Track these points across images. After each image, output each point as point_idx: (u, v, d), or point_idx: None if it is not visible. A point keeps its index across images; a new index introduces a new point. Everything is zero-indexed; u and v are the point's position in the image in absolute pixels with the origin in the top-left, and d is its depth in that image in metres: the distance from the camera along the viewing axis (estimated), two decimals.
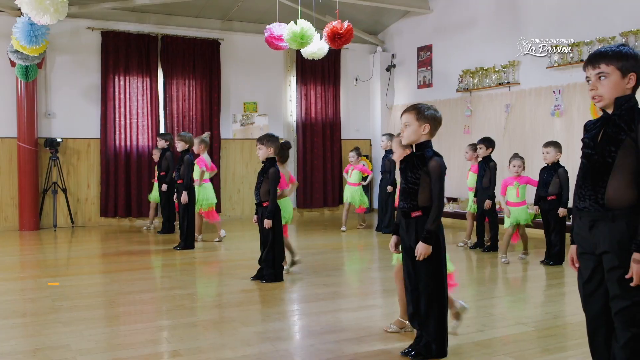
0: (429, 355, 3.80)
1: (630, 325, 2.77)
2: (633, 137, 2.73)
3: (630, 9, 8.32)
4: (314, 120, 12.71)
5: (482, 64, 10.70)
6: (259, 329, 4.53)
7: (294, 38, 8.10)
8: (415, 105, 3.84)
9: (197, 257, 7.67)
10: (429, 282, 3.77)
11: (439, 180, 3.73)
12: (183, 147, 8.05)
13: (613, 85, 2.78)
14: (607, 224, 2.76)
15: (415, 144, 3.81)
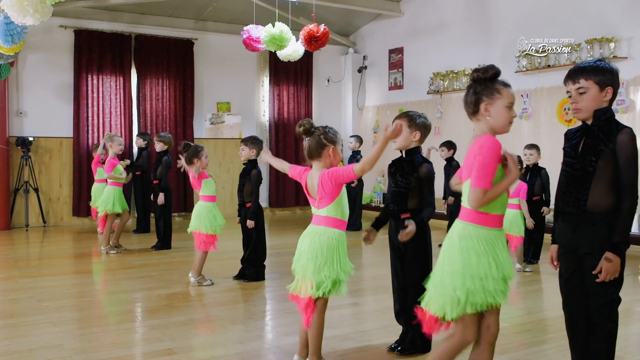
0: (415, 350, 4.00)
1: (607, 321, 3.01)
2: (612, 148, 2.95)
3: (596, 17, 8.67)
4: (286, 120, 12.84)
5: (452, 67, 10.98)
6: (249, 327, 4.67)
7: (272, 40, 8.21)
8: (407, 113, 4.01)
9: (176, 256, 7.74)
10: (417, 280, 3.94)
11: (430, 185, 3.93)
12: (162, 148, 8.11)
13: (592, 99, 3.01)
14: (589, 228, 2.98)
15: (405, 149, 3.99)
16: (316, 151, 3.56)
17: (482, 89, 2.91)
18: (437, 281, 2.87)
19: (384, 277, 6.39)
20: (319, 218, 3.60)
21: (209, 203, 6.12)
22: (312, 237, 3.59)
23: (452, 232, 2.90)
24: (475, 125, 2.99)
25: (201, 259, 6.08)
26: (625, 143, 2.94)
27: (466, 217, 2.86)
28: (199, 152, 6.10)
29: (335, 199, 3.55)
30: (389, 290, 5.75)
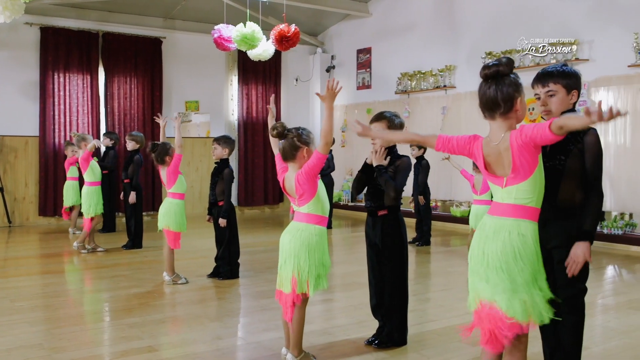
0: (392, 344, 4.13)
1: (575, 310, 3.19)
2: (580, 148, 3.13)
3: (559, 21, 8.95)
4: (255, 119, 12.89)
5: (419, 67, 11.18)
6: (226, 324, 4.73)
7: (244, 40, 8.26)
8: (383, 115, 4.09)
9: (148, 255, 7.74)
10: (393, 275, 4.08)
11: (405, 172, 4.03)
12: (134, 146, 8.08)
13: (560, 101, 3.18)
14: (559, 222, 3.14)
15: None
16: (290, 153, 3.67)
17: (510, 84, 2.72)
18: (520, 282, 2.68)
19: (354, 274, 6.55)
20: (301, 215, 3.71)
21: (179, 200, 6.15)
22: (293, 234, 3.70)
23: (504, 231, 2.72)
24: (501, 124, 2.74)
25: (170, 256, 6.12)
26: (592, 143, 3.13)
27: (521, 213, 2.72)
28: (168, 150, 6.14)
29: (314, 195, 3.65)
30: (360, 287, 5.92)
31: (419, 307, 5.26)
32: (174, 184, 6.12)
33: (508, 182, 2.73)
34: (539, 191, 2.74)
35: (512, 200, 2.73)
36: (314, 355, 3.87)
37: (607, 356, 3.98)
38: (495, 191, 2.83)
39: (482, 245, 2.77)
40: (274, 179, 13.11)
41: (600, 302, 5.42)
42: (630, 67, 8.08)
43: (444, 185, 10.70)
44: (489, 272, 2.72)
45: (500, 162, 2.75)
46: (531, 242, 2.71)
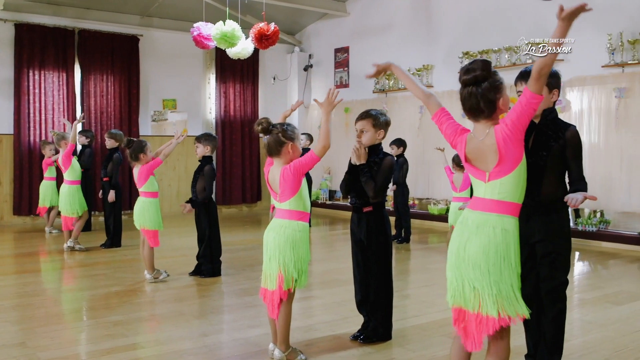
0: (377, 339, 4.18)
1: (557, 302, 3.29)
2: (561, 144, 3.23)
3: (534, 21, 9.09)
4: (232, 117, 12.86)
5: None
6: (212, 321, 4.74)
7: (224, 38, 8.25)
8: (369, 113, 4.15)
9: (127, 254, 7.69)
10: (378, 271, 4.14)
11: (387, 171, 4.07)
12: (113, 144, 8.02)
13: (543, 99, 3.25)
14: (542, 217, 3.24)
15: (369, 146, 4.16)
16: (275, 149, 3.70)
17: (491, 87, 2.74)
18: (493, 280, 2.67)
19: (335, 271, 6.61)
20: (283, 212, 3.74)
21: (153, 199, 6.14)
22: (277, 231, 3.72)
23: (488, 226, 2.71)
24: (484, 124, 2.77)
25: (150, 254, 6.10)
26: (573, 139, 3.26)
27: (505, 209, 2.72)
28: (144, 147, 6.11)
29: (297, 191, 3.69)
30: (341, 284, 5.98)
31: (401, 303, 5.32)
32: (144, 184, 6.09)
33: (491, 177, 2.75)
34: (522, 187, 2.76)
35: (496, 195, 2.74)
36: (301, 351, 3.91)
37: (587, 348, 4.08)
38: (478, 186, 2.83)
39: (464, 241, 2.76)
40: (252, 177, 13.13)
41: (577, 296, 5.54)
42: (603, 67, 8.25)
43: (421, 183, 10.81)
44: (468, 269, 2.71)
45: (483, 158, 2.77)
46: (513, 238, 2.74)
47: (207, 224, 6.34)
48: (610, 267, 6.99)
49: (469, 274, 2.71)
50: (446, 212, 10.28)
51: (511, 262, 2.69)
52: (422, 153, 10.62)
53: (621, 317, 4.83)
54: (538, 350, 3.38)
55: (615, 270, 6.83)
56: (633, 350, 4.05)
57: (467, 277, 2.72)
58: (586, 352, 4.01)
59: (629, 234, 8.13)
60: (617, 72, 8.15)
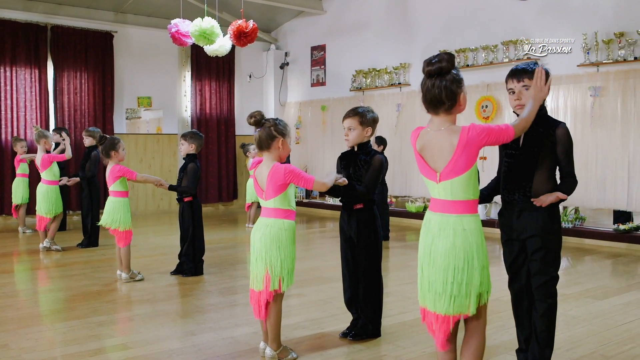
0: (367, 336, 4.20)
1: (547, 297, 3.33)
2: (552, 140, 3.28)
3: (510, 21, 9.21)
4: (208, 115, 12.77)
5: (374, 65, 11.31)
6: (198, 320, 4.69)
7: (202, 35, 8.17)
8: (356, 111, 4.12)
9: (106, 254, 7.58)
10: (368, 268, 4.15)
11: (377, 171, 4.07)
12: (91, 142, 7.89)
13: None
14: (532, 213, 3.27)
15: (357, 144, 4.16)
16: (266, 142, 3.67)
17: (453, 81, 2.77)
18: (459, 280, 2.77)
19: (316, 269, 6.61)
20: (268, 210, 3.72)
21: (124, 199, 6.04)
22: (263, 231, 3.70)
23: (448, 228, 2.79)
24: (444, 118, 2.82)
25: (127, 254, 6.02)
26: (564, 136, 3.29)
27: (462, 208, 2.79)
28: (116, 145, 6.00)
29: (282, 192, 3.67)
30: (324, 281, 5.98)
31: (386, 300, 5.25)
32: (113, 183, 6.00)
33: (442, 177, 2.80)
34: (473, 186, 2.82)
35: (450, 196, 2.80)
36: (292, 349, 3.89)
37: (574, 342, 4.14)
38: (432, 187, 2.88)
39: (429, 244, 2.86)
40: (228, 175, 13.05)
41: (559, 292, 5.59)
42: (579, 66, 8.39)
43: (399, 181, 10.86)
44: (435, 271, 2.81)
45: (435, 152, 2.81)
46: (475, 235, 2.80)
47: (191, 222, 6.28)
48: (587, 263, 7.12)
49: (436, 277, 2.81)
50: (424, 210, 10.35)
51: (475, 261, 2.78)
52: (399, 151, 10.68)
53: (603, 311, 4.92)
54: (529, 345, 3.42)
55: (593, 266, 6.96)
56: (617, 343, 4.12)
57: (434, 279, 2.83)
58: (573, 346, 4.07)
59: (604, 230, 8.29)
60: (592, 72, 8.30)
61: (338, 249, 4.46)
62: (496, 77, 9.00)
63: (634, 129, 7.92)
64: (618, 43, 8.02)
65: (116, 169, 5.97)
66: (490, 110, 9.22)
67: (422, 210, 10.35)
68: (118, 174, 5.97)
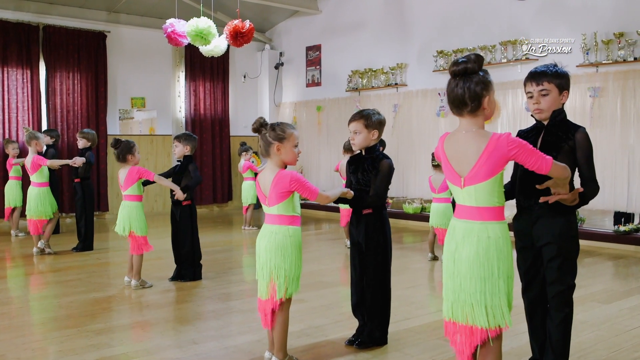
0: (373, 343, 4.10)
1: (564, 307, 3.24)
2: (571, 145, 3.19)
3: (508, 20, 9.15)
4: (203, 116, 12.64)
5: (370, 65, 11.22)
6: (199, 328, 4.58)
7: (198, 35, 8.05)
8: (362, 114, 4.04)
9: (101, 258, 7.46)
10: (376, 274, 4.05)
11: (385, 177, 4.02)
12: (85, 144, 7.75)
13: (553, 100, 3.23)
14: (550, 220, 3.18)
15: (365, 148, 4.07)
16: (265, 149, 3.63)
17: (478, 82, 2.71)
18: (481, 290, 2.69)
19: (316, 273, 6.52)
20: (272, 217, 3.63)
21: (138, 203, 5.91)
22: (268, 238, 3.61)
23: (472, 235, 2.71)
24: (469, 121, 2.75)
25: (139, 261, 5.87)
26: (584, 141, 3.21)
27: (487, 215, 2.70)
28: (132, 148, 5.89)
29: (285, 199, 3.58)
30: (328, 286, 5.89)
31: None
32: (130, 186, 5.86)
33: (466, 182, 2.73)
34: (498, 193, 2.73)
35: (474, 202, 2.73)
36: (298, 358, 3.80)
37: (583, 349, 4.07)
38: (456, 193, 2.81)
39: (453, 251, 2.78)
40: (222, 177, 12.93)
41: None
42: (578, 67, 8.34)
43: (396, 182, 10.77)
44: (459, 281, 2.73)
45: (461, 155, 2.75)
46: (501, 244, 2.71)
47: (189, 226, 6.18)
48: (588, 266, 7.05)
49: (461, 286, 2.73)
50: (421, 211, 10.28)
51: (499, 270, 2.70)
52: (396, 152, 10.59)
53: (610, 316, 4.86)
54: (543, 354, 3.33)
55: (594, 268, 6.89)
56: (628, 350, 4.05)
57: (459, 289, 2.74)
58: (583, 353, 4.00)
59: (604, 231, 8.24)
60: (591, 72, 8.25)
61: (336, 252, 4.43)
62: (494, 77, 8.78)
63: (633, 129, 7.88)
64: (617, 43, 7.97)
65: (134, 171, 5.83)
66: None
67: (420, 212, 10.28)
68: (137, 176, 5.84)
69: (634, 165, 7.88)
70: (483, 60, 2.82)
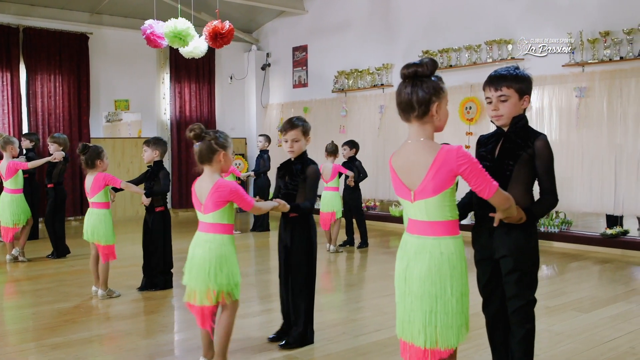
0: (298, 343, 4.16)
1: (525, 322, 3.06)
2: (530, 153, 3.01)
3: (494, 20, 8.98)
4: (188, 118, 12.46)
5: (356, 65, 11.05)
6: (160, 341, 4.42)
7: (176, 36, 7.88)
8: (297, 122, 4.13)
9: (75, 265, 7.28)
10: (301, 275, 4.14)
11: (314, 182, 4.12)
12: (56, 149, 7.56)
13: (512, 106, 3.05)
14: (506, 231, 3.00)
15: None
16: (207, 156, 3.59)
17: (428, 87, 2.55)
18: (441, 310, 2.54)
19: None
20: (206, 225, 3.64)
21: (106, 210, 5.72)
22: (203, 247, 3.62)
23: (425, 252, 2.56)
24: (417, 128, 2.61)
25: (106, 270, 5.70)
26: (544, 149, 3.02)
27: (440, 230, 2.56)
28: (101, 153, 5.71)
29: (222, 207, 3.59)
30: None
31: (359, 316, 5.10)
32: (97, 193, 5.68)
33: (416, 196, 2.58)
34: (450, 206, 2.58)
35: (426, 216, 2.58)
36: None
37: None
38: (406, 207, 2.66)
39: (404, 270, 2.63)
40: None
41: (543, 304, 5.37)
42: (564, 66, 8.16)
43: (382, 184, 10.61)
44: (412, 299, 2.58)
45: (410, 167, 2.60)
46: (455, 260, 2.56)
47: (161, 233, 6.01)
48: (573, 270, 6.88)
49: (412, 306, 2.59)
50: None
51: (452, 288, 2.55)
52: (382, 153, 10.42)
53: (589, 325, 4.68)
54: None
55: (579, 273, 6.72)
56: None
57: (410, 308, 2.60)
58: None
59: (591, 234, 8.07)
60: (577, 72, 8.07)
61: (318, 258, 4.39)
62: (480, 77, 8.66)
63: (620, 130, 7.70)
64: (604, 42, 7.79)
65: (101, 178, 5.65)
66: (474, 112, 8.97)
67: None
68: (103, 183, 5.66)
69: (621, 166, 7.71)
70: (437, 66, 2.63)
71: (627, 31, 7.52)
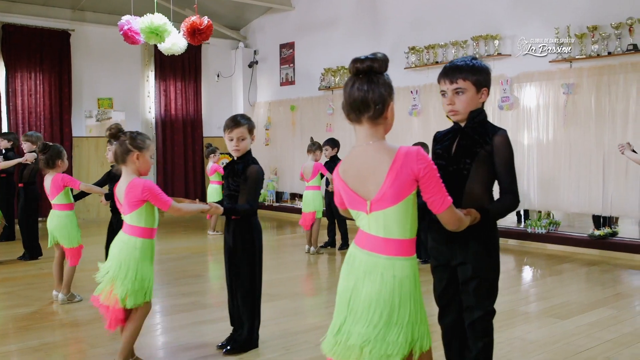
0: (241, 348, 4.05)
1: (483, 336, 2.82)
2: (488, 150, 2.77)
3: (480, 15, 8.75)
4: (174, 117, 12.26)
5: (343, 62, 10.82)
6: (110, 350, 4.18)
7: (151, 32, 7.67)
8: (242, 120, 3.96)
9: (44, 267, 7.06)
10: (245, 278, 4.01)
11: (255, 183, 3.93)
12: (30, 148, 7.33)
13: (469, 100, 2.81)
14: (463, 235, 2.73)
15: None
16: (121, 156, 3.56)
17: (384, 84, 2.30)
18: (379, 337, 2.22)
19: (277, 282, 6.09)
20: (126, 226, 3.62)
21: (69, 212, 5.51)
22: (119, 246, 3.61)
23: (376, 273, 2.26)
24: (369, 130, 2.31)
25: (71, 273, 5.49)
26: (502, 145, 2.79)
27: (395, 249, 2.26)
28: (61, 153, 5.49)
29: (136, 209, 3.52)
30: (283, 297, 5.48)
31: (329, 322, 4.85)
32: (58, 194, 5.46)
33: (373, 207, 2.26)
34: (411, 222, 2.28)
35: (382, 232, 2.26)
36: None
37: None
38: (360, 218, 2.33)
39: (350, 289, 2.30)
40: (195, 179, 12.55)
41: (522, 309, 5.14)
42: (551, 62, 7.93)
43: None
44: (354, 321, 2.25)
45: (363, 177, 2.29)
46: (409, 285, 2.26)
47: None
48: (559, 273, 6.64)
49: (352, 329, 2.25)
50: None
51: (404, 314, 2.23)
52: None
53: (565, 333, 4.44)
54: None
55: (564, 276, 6.48)
56: None
57: (348, 331, 2.26)
58: None
59: (579, 235, 7.83)
60: (564, 68, 7.83)
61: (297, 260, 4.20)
62: None
63: (608, 127, 7.47)
64: (591, 37, 7.55)
65: (59, 178, 5.44)
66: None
67: None
68: (62, 184, 5.44)
69: (609, 164, 7.47)
70: (388, 61, 2.36)
71: (615, 25, 7.28)
